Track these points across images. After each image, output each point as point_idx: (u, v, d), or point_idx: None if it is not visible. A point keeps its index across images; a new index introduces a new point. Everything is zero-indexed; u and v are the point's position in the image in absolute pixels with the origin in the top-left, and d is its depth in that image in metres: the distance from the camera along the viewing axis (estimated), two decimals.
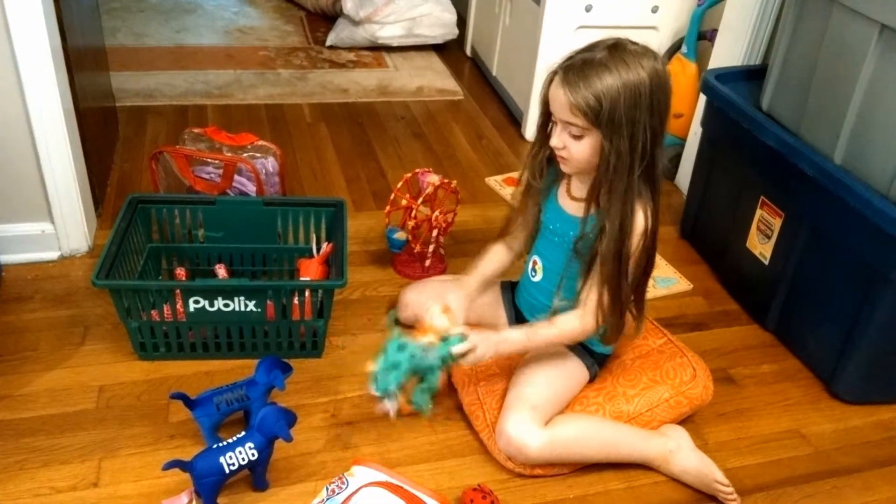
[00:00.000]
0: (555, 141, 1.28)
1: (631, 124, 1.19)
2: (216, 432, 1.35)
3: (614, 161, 1.22)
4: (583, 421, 1.42)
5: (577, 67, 1.20)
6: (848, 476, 1.48)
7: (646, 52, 1.22)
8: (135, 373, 1.53)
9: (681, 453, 1.41)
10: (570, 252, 1.38)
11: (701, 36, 2.38)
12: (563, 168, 1.33)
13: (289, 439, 1.26)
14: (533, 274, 1.49)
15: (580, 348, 1.46)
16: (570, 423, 1.40)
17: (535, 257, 1.48)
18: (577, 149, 1.26)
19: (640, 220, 1.28)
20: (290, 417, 1.28)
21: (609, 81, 1.18)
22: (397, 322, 1.58)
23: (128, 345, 1.55)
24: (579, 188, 1.37)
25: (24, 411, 1.42)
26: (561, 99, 1.22)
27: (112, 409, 1.45)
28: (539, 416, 1.36)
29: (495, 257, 1.53)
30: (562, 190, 1.41)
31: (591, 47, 1.23)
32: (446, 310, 1.38)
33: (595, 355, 1.48)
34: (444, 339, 1.31)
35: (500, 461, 1.39)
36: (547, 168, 1.41)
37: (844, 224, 1.55)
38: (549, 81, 1.26)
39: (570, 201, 1.38)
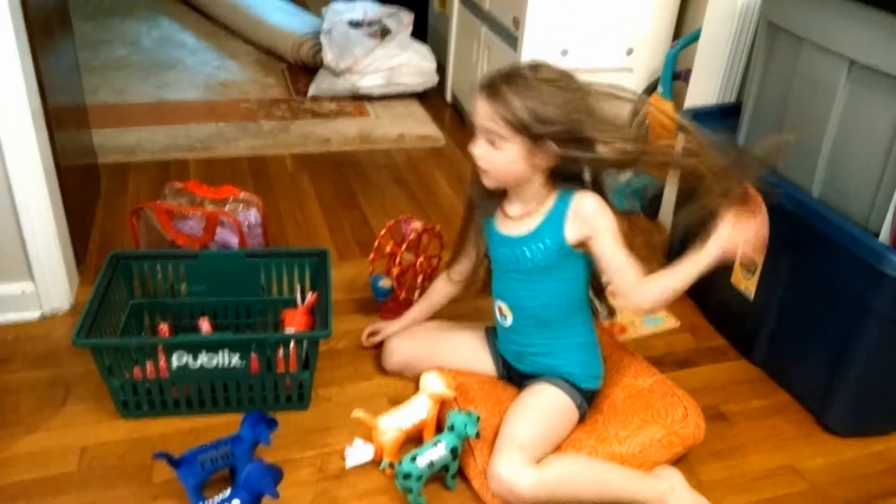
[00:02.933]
0: (476, 150, 1.35)
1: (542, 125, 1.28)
2: (201, 491, 1.32)
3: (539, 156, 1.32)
4: (574, 460, 1.40)
5: (498, 79, 1.31)
6: None
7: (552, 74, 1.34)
8: (117, 432, 1.50)
9: (675, 494, 1.39)
10: (525, 275, 1.41)
11: (676, 76, 2.42)
12: (484, 181, 1.38)
13: (275, 496, 1.24)
14: (503, 320, 1.50)
15: (568, 385, 1.46)
16: (562, 462, 1.38)
17: (499, 302, 1.50)
18: (495, 158, 1.33)
19: (590, 199, 1.36)
20: (276, 473, 1.26)
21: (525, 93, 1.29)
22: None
23: (110, 403, 1.52)
24: (515, 207, 1.42)
25: (4, 476, 1.39)
26: (483, 108, 1.30)
27: (94, 470, 1.42)
28: (528, 455, 1.34)
29: (435, 295, 1.69)
30: (498, 216, 1.46)
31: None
32: (441, 373, 1.49)
33: (582, 392, 1.47)
34: (451, 428, 1.38)
35: None
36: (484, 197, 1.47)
37: (825, 256, 1.56)
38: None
39: (510, 221, 1.42)
